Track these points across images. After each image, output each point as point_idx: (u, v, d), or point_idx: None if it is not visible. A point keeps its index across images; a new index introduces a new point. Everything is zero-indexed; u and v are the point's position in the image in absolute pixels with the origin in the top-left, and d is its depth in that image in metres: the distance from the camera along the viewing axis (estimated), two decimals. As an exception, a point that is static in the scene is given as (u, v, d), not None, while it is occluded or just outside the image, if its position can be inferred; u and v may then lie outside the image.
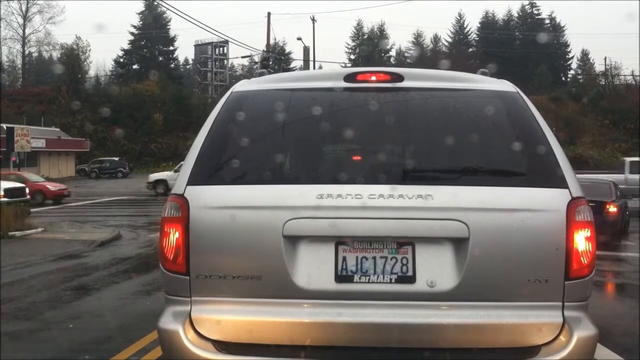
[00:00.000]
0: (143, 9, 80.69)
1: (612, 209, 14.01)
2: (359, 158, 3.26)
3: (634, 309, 7.85)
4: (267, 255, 2.85)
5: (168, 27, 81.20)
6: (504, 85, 3.45)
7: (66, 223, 18.48)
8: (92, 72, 76.16)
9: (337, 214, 2.83)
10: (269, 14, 48.45)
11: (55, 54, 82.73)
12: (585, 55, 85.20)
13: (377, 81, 3.34)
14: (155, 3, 60.78)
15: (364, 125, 3.20)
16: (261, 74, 3.78)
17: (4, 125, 39.24)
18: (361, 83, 3.35)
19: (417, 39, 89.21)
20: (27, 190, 23.75)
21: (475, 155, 3.08)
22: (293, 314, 2.84)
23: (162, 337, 2.98)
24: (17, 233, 15.02)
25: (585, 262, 2.85)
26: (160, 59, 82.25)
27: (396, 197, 2.82)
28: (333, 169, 3.14)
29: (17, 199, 22.09)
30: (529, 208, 2.84)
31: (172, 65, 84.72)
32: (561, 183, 2.91)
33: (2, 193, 21.74)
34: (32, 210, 19.15)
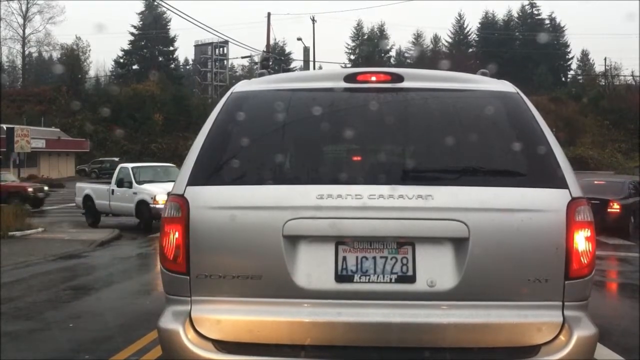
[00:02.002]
0: (143, 9, 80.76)
1: (615, 206, 14.32)
2: (359, 158, 3.26)
3: (634, 309, 7.86)
4: (267, 255, 2.85)
5: (168, 27, 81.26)
6: (504, 86, 3.46)
7: (66, 223, 18.49)
8: (92, 72, 76.30)
9: (337, 214, 2.83)
10: (269, 14, 48.61)
11: (55, 54, 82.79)
12: (585, 55, 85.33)
13: (377, 81, 3.35)
14: (155, 3, 60.77)
15: (364, 126, 3.20)
16: (261, 75, 3.78)
17: (4, 126, 39.23)
18: (361, 83, 3.35)
19: (417, 39, 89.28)
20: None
21: (475, 155, 3.09)
22: (293, 314, 2.85)
23: (162, 337, 2.99)
24: (17, 233, 15.02)
25: (585, 262, 2.86)
26: (160, 59, 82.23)
27: (396, 197, 2.83)
28: (333, 169, 3.14)
29: None
30: (529, 208, 2.84)
31: (172, 66, 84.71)
32: (561, 183, 2.91)
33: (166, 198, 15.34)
34: (31, 210, 19.13)
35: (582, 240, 2.84)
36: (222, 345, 2.88)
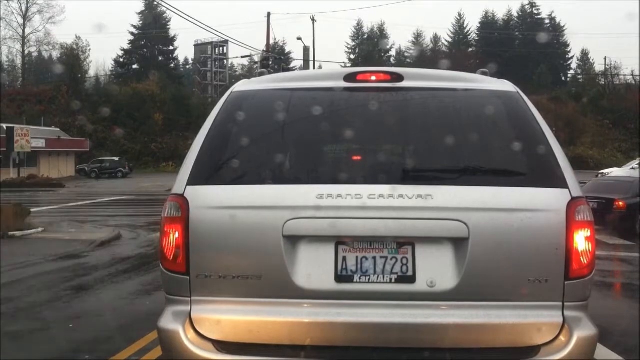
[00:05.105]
0: (143, 9, 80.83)
1: (620, 205, 14.34)
2: (359, 158, 3.26)
3: (634, 309, 7.85)
4: (267, 255, 2.85)
5: (168, 27, 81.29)
6: (504, 85, 3.46)
7: (66, 223, 18.45)
8: (92, 72, 76.22)
9: (337, 214, 2.83)
10: (268, 14, 48.64)
11: (55, 54, 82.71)
12: (585, 55, 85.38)
13: (377, 81, 3.35)
14: (155, 3, 60.80)
15: (364, 125, 3.20)
16: (261, 74, 3.78)
17: (4, 125, 39.25)
18: (361, 83, 3.35)
19: (417, 39, 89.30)
20: None
21: (475, 155, 3.09)
22: (293, 314, 2.85)
23: (162, 337, 2.98)
24: (17, 233, 14.99)
25: (585, 262, 2.86)
26: (160, 59, 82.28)
27: (396, 197, 2.83)
28: (333, 169, 3.14)
29: None
30: (529, 208, 2.84)
31: (172, 65, 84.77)
32: (561, 183, 2.91)
33: None
34: (32, 210, 19.09)
35: (582, 240, 2.84)
36: (222, 346, 2.87)
